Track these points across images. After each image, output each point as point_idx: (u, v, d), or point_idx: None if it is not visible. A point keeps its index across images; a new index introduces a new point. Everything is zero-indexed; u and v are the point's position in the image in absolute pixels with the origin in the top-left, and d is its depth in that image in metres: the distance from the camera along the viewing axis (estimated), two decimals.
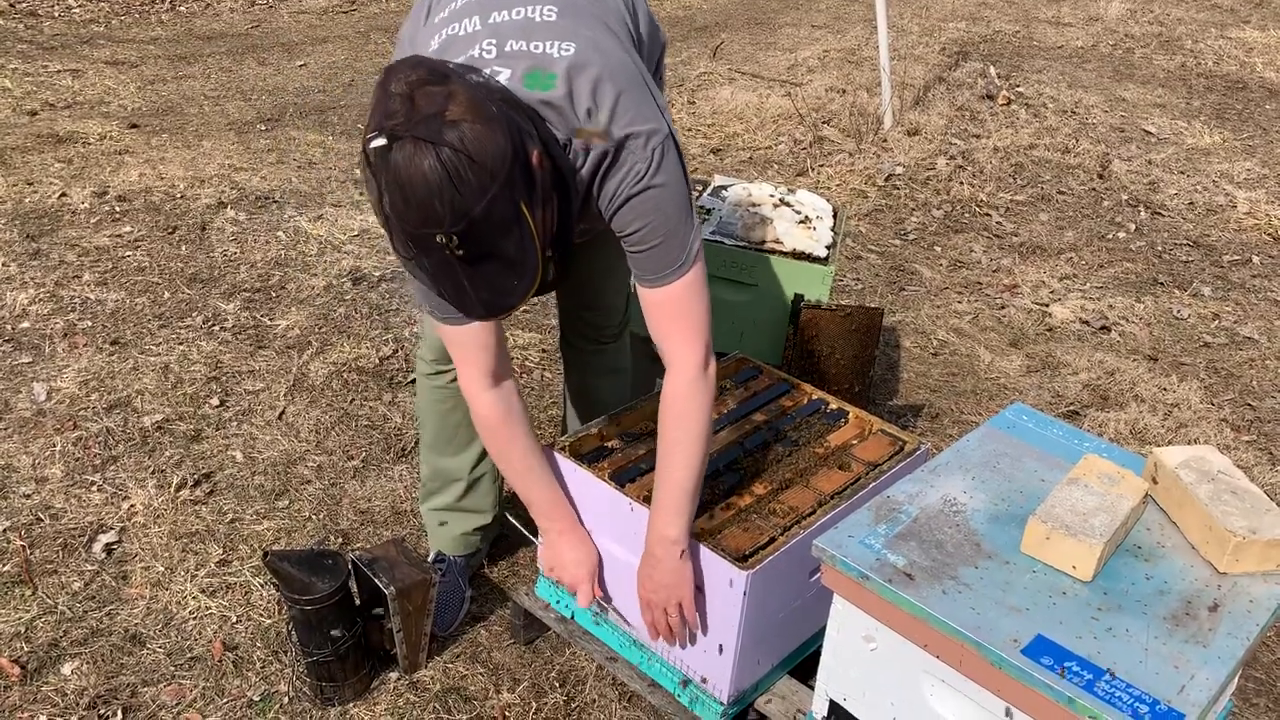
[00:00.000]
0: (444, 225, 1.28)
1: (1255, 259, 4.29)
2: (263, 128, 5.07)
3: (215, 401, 2.91)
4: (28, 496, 2.52)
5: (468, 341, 1.70)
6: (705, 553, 1.70)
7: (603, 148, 1.51)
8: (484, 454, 2.13)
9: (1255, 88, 6.57)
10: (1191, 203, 4.80)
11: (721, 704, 1.81)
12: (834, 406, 2.14)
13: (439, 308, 1.64)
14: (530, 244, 1.35)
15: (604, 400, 2.28)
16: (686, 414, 1.67)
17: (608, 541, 1.89)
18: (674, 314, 1.64)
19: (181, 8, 7.21)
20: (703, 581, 1.74)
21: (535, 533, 1.94)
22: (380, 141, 1.28)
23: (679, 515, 1.69)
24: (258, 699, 2.03)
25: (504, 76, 1.48)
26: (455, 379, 1.93)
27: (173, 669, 2.09)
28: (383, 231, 3.97)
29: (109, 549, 2.38)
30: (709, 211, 2.66)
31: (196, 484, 2.59)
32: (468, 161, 1.26)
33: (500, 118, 1.32)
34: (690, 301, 1.64)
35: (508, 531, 2.28)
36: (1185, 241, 4.43)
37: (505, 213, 1.31)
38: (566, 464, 1.89)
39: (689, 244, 1.60)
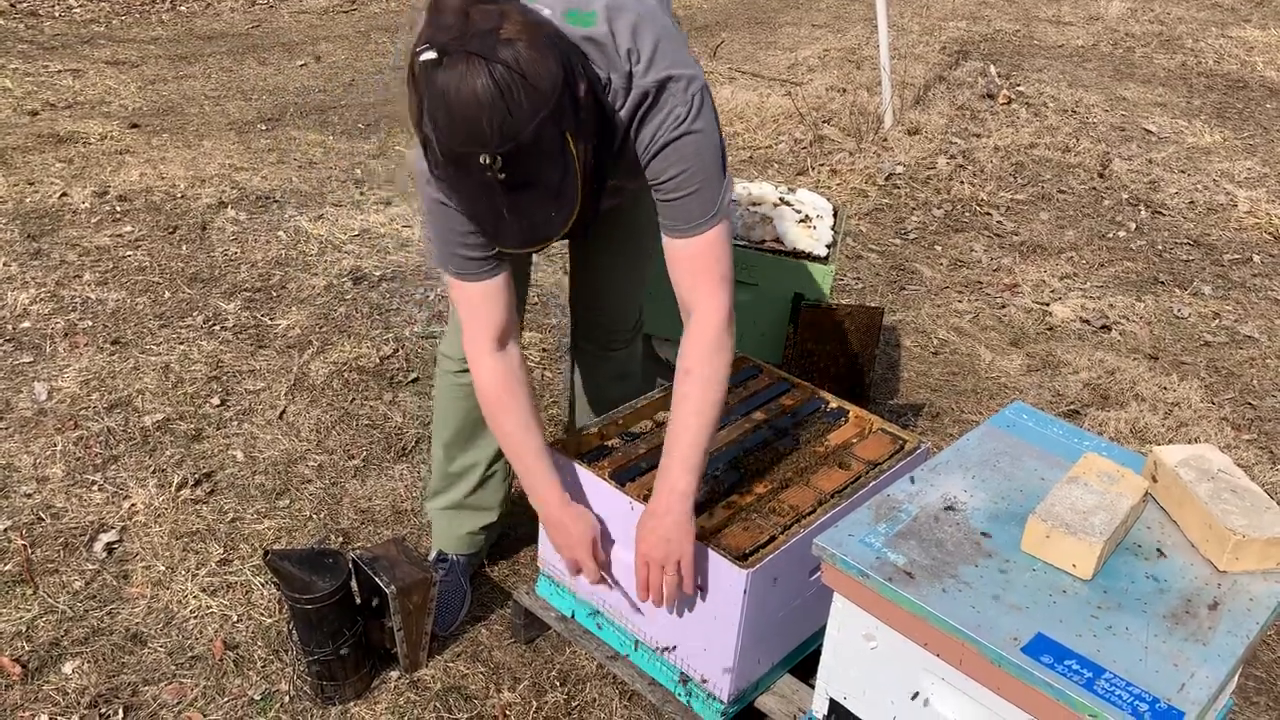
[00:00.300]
0: (490, 145, 1.25)
1: (1256, 258, 4.29)
2: (263, 127, 5.07)
3: (216, 401, 2.92)
4: (29, 496, 2.53)
5: (481, 302, 1.67)
6: (705, 551, 1.70)
7: (643, 89, 1.50)
8: (500, 449, 2.09)
9: (1256, 87, 6.57)
10: (1192, 202, 4.80)
11: (722, 703, 1.81)
12: (834, 405, 2.15)
13: (457, 263, 1.62)
14: (572, 176, 1.33)
15: (612, 404, 2.26)
16: (709, 366, 1.65)
17: (606, 541, 1.89)
18: (703, 266, 1.63)
19: (182, 7, 7.22)
20: (703, 580, 1.74)
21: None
22: (430, 54, 1.24)
23: (690, 470, 1.66)
24: (258, 698, 2.03)
25: (546, 13, 1.45)
26: None
27: (174, 668, 2.09)
28: (381, 226, 4.00)
29: (110, 548, 2.38)
30: None
31: (197, 483, 2.59)
32: (521, 82, 1.24)
33: (553, 44, 1.30)
34: (719, 253, 1.64)
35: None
36: (1186, 240, 4.43)
37: (552, 140, 1.29)
38: (566, 462, 1.89)
39: (721, 194, 1.60)
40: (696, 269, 1.63)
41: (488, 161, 1.26)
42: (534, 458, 1.78)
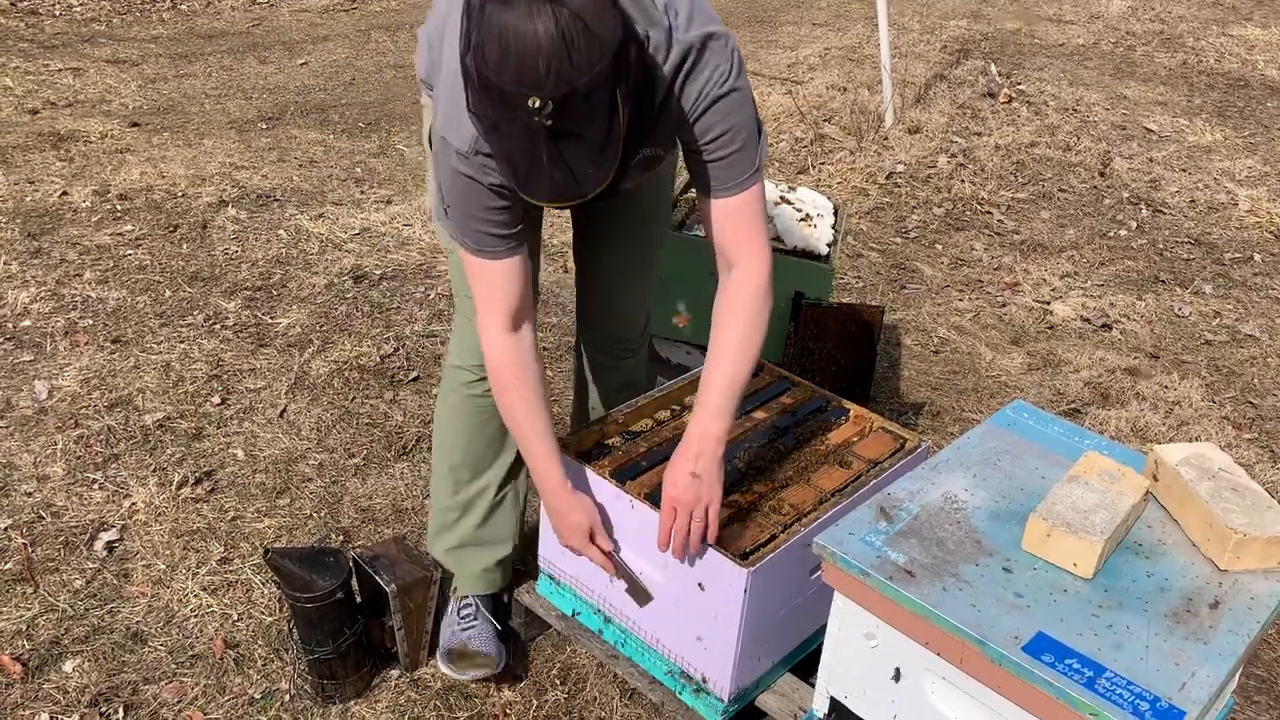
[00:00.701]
0: (544, 89, 1.23)
1: (1257, 256, 4.29)
2: (264, 126, 5.07)
3: (216, 399, 2.92)
4: (29, 494, 2.53)
5: (496, 277, 1.64)
6: (707, 550, 1.70)
7: (687, 45, 1.49)
8: (513, 466, 2.03)
9: (1257, 85, 6.57)
10: (1193, 200, 4.80)
11: (722, 701, 1.81)
12: (835, 404, 2.14)
13: (477, 238, 1.60)
14: (616, 133, 1.32)
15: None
16: (755, 316, 1.67)
17: (607, 530, 1.89)
18: (746, 221, 1.64)
19: (183, 6, 7.21)
20: (704, 579, 1.74)
21: (644, 597, 1.85)
22: None
23: (726, 414, 1.67)
24: (259, 697, 2.03)
25: None
26: None
27: (174, 667, 2.09)
28: (385, 222, 3.99)
29: (110, 547, 2.38)
30: None
31: (198, 482, 2.59)
32: (584, 30, 1.23)
33: (616, 2, 1.29)
34: (760, 207, 1.65)
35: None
36: (1186, 239, 4.42)
37: (604, 95, 1.27)
38: (567, 461, 1.89)
39: (761, 149, 1.62)
40: (740, 224, 1.64)
41: (537, 105, 1.24)
42: (538, 439, 1.75)
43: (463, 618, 2.08)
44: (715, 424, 1.66)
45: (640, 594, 1.85)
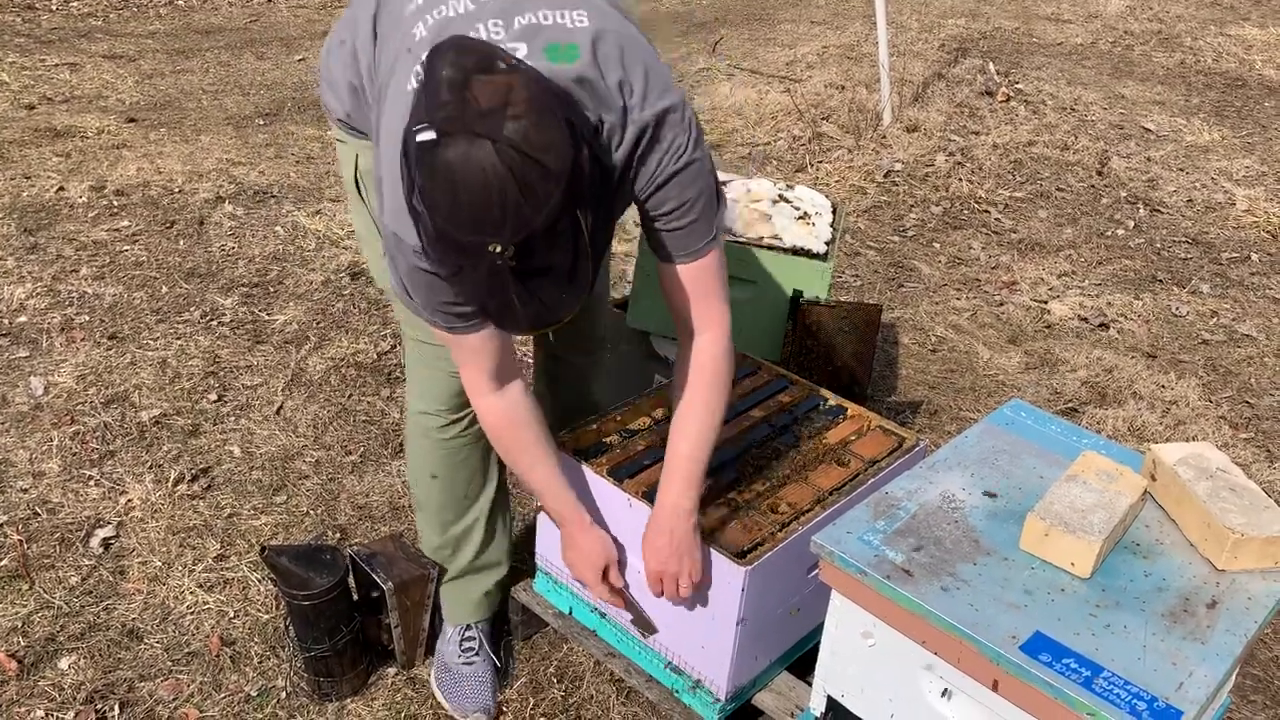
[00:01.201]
0: (503, 235, 1.14)
1: (1254, 256, 4.29)
2: (261, 122, 5.06)
3: (213, 396, 2.91)
4: (25, 491, 2.52)
5: (474, 345, 1.57)
6: (704, 549, 1.70)
7: (642, 124, 1.40)
8: (497, 494, 1.99)
9: (1254, 85, 6.57)
10: (1190, 200, 4.80)
11: (719, 699, 1.81)
12: (833, 403, 2.14)
13: (448, 319, 1.51)
14: (584, 253, 1.24)
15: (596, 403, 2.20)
16: (718, 381, 1.65)
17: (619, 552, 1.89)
18: (705, 288, 1.61)
19: (179, 1, 7.20)
20: (702, 577, 1.73)
21: (648, 629, 1.86)
22: (428, 134, 1.13)
23: (695, 485, 1.66)
24: (255, 694, 2.03)
25: (522, 53, 1.35)
26: (472, 423, 1.83)
27: (170, 664, 2.09)
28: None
29: (106, 544, 2.38)
30: None
31: (194, 479, 2.59)
32: (534, 165, 1.13)
33: (561, 113, 1.19)
34: (721, 269, 1.62)
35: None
36: (1184, 239, 4.42)
37: (565, 222, 1.18)
38: (565, 459, 1.89)
39: (719, 215, 1.57)
40: (699, 290, 1.60)
41: (498, 250, 1.15)
42: (548, 484, 1.73)
43: (464, 651, 2.05)
44: (686, 497, 1.66)
45: (645, 625, 1.86)
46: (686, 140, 1.45)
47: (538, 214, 1.15)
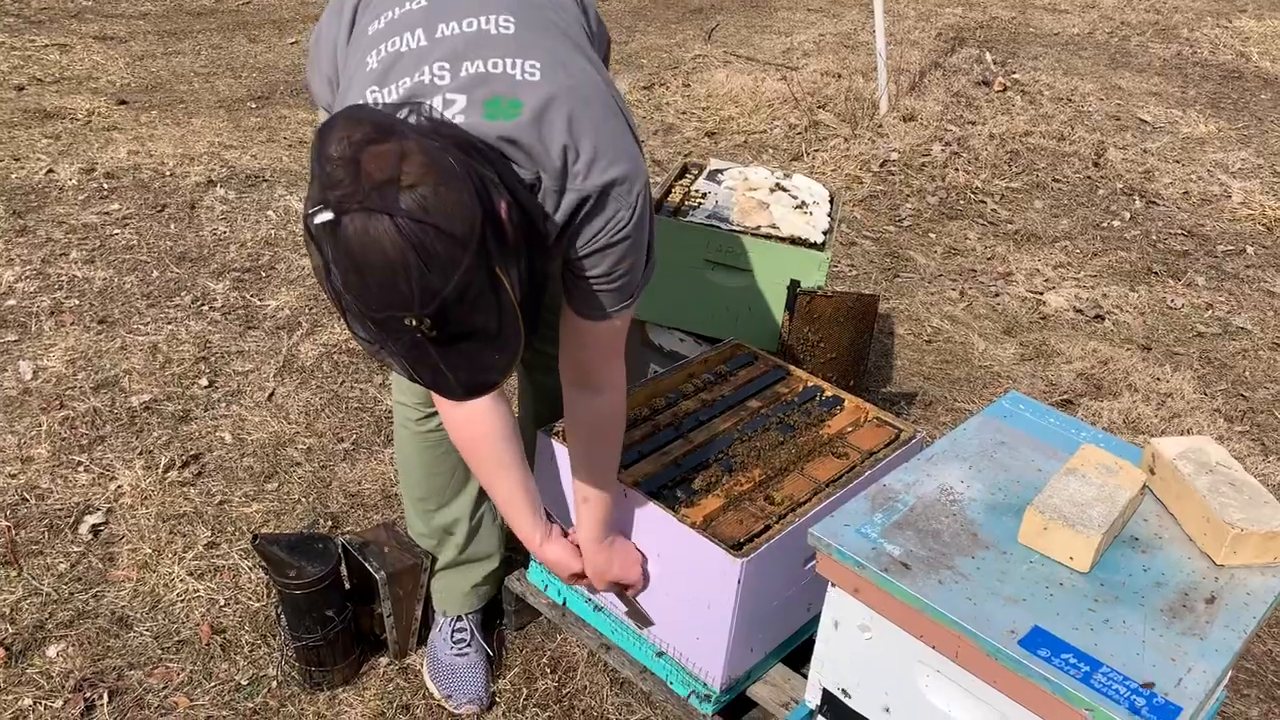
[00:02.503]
0: (413, 308, 1.10)
1: (1249, 249, 4.29)
2: (253, 105, 5.02)
3: (204, 382, 2.89)
4: (13, 476, 2.50)
5: None
6: (699, 540, 1.69)
7: (584, 193, 1.35)
8: (482, 489, 1.96)
9: (1251, 77, 6.56)
10: (1186, 192, 4.80)
11: (714, 691, 1.80)
12: (829, 394, 2.13)
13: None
14: (510, 312, 1.18)
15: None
16: (618, 439, 1.71)
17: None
18: (609, 346, 1.59)
19: None
20: (697, 569, 1.72)
21: (644, 620, 1.88)
22: (326, 216, 1.09)
23: (607, 524, 1.76)
24: (246, 683, 2.02)
25: (459, 105, 1.30)
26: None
27: (160, 652, 2.07)
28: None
29: (95, 530, 2.36)
30: (705, 195, 2.63)
31: (185, 465, 2.57)
32: (434, 232, 1.08)
33: (462, 172, 1.13)
34: (624, 331, 1.59)
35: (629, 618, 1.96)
36: (1180, 231, 4.42)
37: (481, 283, 1.13)
38: (558, 449, 1.87)
39: (640, 285, 1.52)
40: (602, 348, 1.59)
41: (413, 324, 1.11)
42: (509, 503, 1.73)
43: (455, 642, 2.04)
44: (592, 527, 1.75)
45: (641, 618, 1.86)
46: (629, 215, 1.40)
47: (446, 281, 1.10)
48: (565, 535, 1.81)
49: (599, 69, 1.45)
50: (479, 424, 1.63)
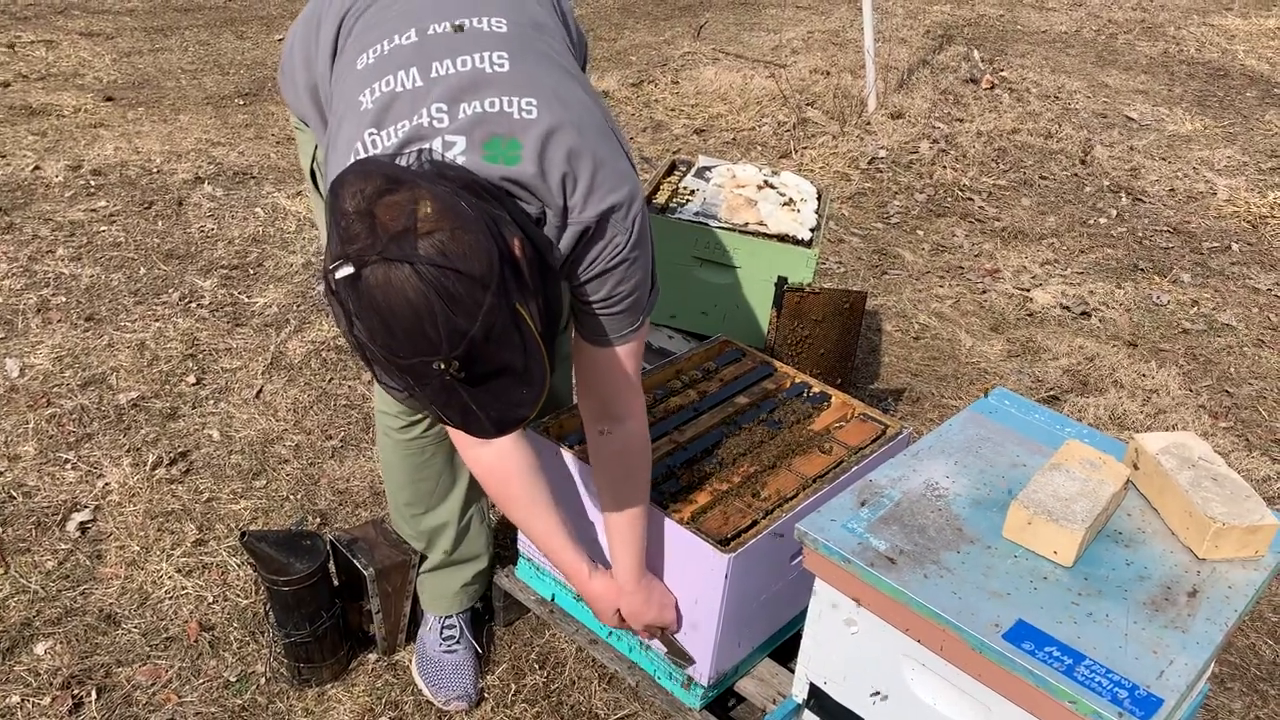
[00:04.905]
0: (441, 352, 1.12)
1: (1234, 246, 4.31)
2: (240, 102, 5.00)
3: (192, 379, 2.88)
4: (0, 474, 2.49)
5: None
6: (687, 535, 1.70)
7: (584, 224, 1.38)
8: (469, 491, 1.97)
9: (1236, 75, 6.60)
10: (1172, 189, 4.82)
11: (701, 686, 1.81)
12: (817, 390, 2.14)
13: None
14: (534, 346, 1.20)
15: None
16: (646, 474, 1.69)
17: (593, 535, 1.88)
18: (623, 374, 1.58)
19: None
20: (685, 564, 1.73)
21: (685, 659, 1.84)
22: (347, 270, 1.11)
23: (640, 556, 1.72)
24: (234, 680, 2.02)
25: (459, 147, 1.32)
26: (433, 424, 1.83)
27: (148, 649, 2.07)
28: None
29: (83, 528, 2.35)
30: (693, 192, 2.64)
31: (172, 463, 2.56)
32: (454, 275, 1.10)
33: (475, 215, 1.15)
34: (637, 358, 1.59)
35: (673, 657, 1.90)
36: (1165, 228, 4.44)
37: (504, 321, 1.15)
38: (549, 446, 1.88)
39: (647, 306, 1.53)
40: (616, 375, 1.58)
41: (442, 367, 1.13)
42: (547, 539, 1.71)
43: (445, 639, 2.04)
44: (637, 568, 1.73)
45: (682, 656, 1.83)
46: (626, 240, 1.42)
47: (472, 322, 1.12)
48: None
49: (589, 92, 1.47)
50: (508, 460, 1.62)
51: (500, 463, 1.62)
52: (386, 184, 1.13)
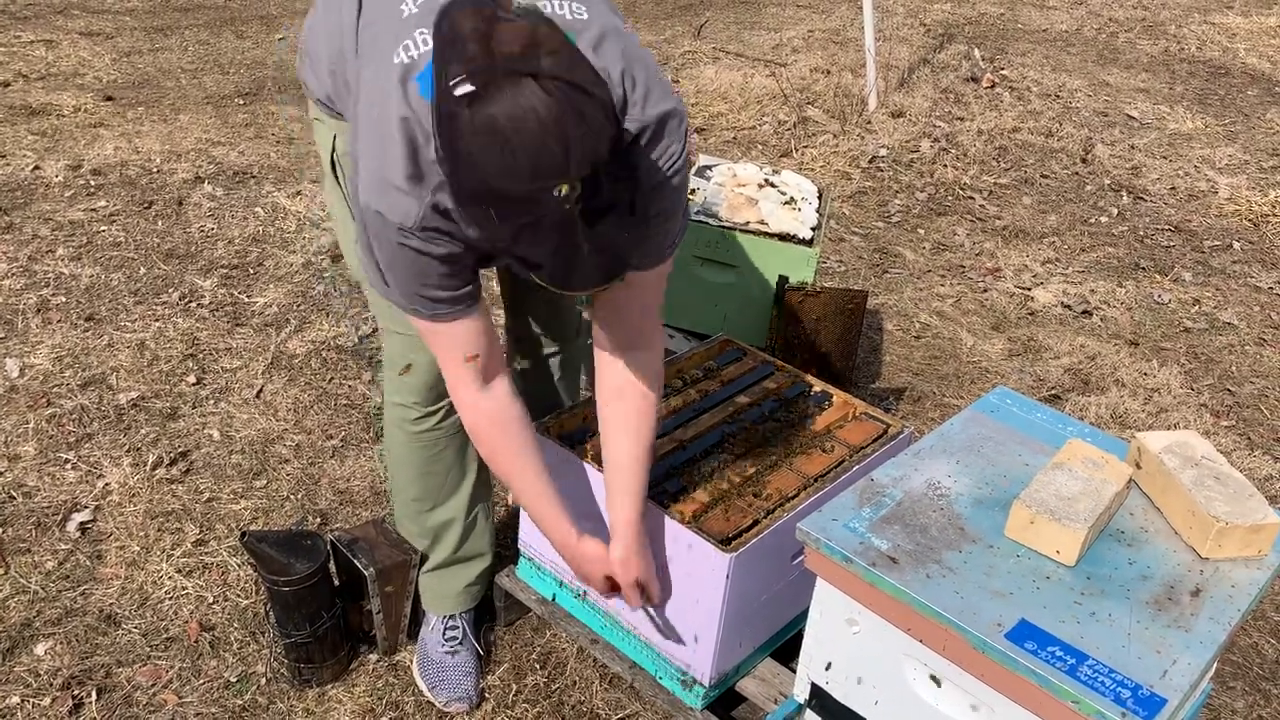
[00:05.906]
0: (569, 171, 1.06)
1: (1235, 245, 4.31)
2: (240, 102, 5.00)
3: (192, 379, 2.88)
4: (0, 474, 2.49)
5: (457, 336, 1.49)
6: (688, 535, 1.69)
7: (645, 122, 1.36)
8: (476, 487, 1.96)
9: (1238, 74, 6.59)
10: (1173, 188, 4.81)
11: (703, 686, 1.80)
12: (818, 389, 2.13)
13: (428, 305, 1.44)
14: (640, 190, 1.18)
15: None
16: (655, 392, 1.65)
17: (589, 525, 1.88)
18: (654, 297, 1.59)
19: None
20: (686, 564, 1.73)
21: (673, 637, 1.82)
22: (468, 86, 1.04)
23: (639, 497, 1.67)
24: (235, 680, 2.01)
25: None
26: (447, 416, 1.81)
27: (148, 649, 2.07)
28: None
29: (83, 528, 2.35)
30: (694, 191, 2.64)
31: (173, 463, 2.56)
32: (583, 94, 1.06)
33: (584, 58, 1.13)
34: (663, 283, 1.60)
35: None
36: (1167, 227, 4.44)
37: (622, 153, 1.13)
38: (549, 445, 1.87)
39: (682, 230, 1.55)
40: (650, 295, 1.58)
41: (564, 193, 1.07)
42: (535, 497, 1.68)
43: (448, 640, 2.03)
44: (630, 510, 1.66)
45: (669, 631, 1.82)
46: (680, 149, 1.41)
47: (601, 141, 1.08)
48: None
49: (629, 28, 1.48)
50: (510, 410, 1.60)
51: (499, 411, 1.59)
52: (499, 14, 1.10)
